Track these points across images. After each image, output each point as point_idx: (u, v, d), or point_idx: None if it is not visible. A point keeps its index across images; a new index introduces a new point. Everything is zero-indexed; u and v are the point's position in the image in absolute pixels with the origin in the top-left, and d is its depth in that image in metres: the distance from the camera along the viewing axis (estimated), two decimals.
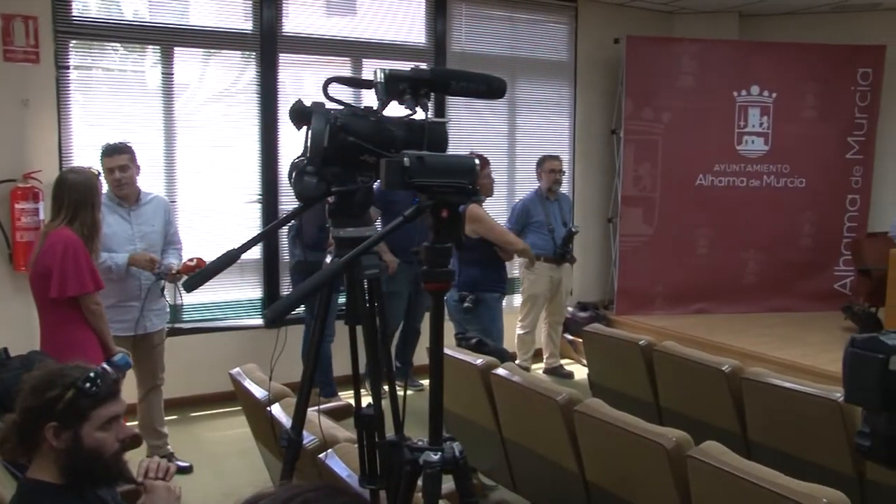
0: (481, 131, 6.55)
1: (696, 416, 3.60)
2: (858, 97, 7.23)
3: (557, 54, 6.99)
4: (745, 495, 2.22)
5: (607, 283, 7.39)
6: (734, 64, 7.11)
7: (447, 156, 1.67)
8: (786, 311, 7.18)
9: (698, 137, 7.03)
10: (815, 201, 7.29)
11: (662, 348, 3.73)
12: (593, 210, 7.31)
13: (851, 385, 0.82)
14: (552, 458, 3.09)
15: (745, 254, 7.25)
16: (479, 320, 4.45)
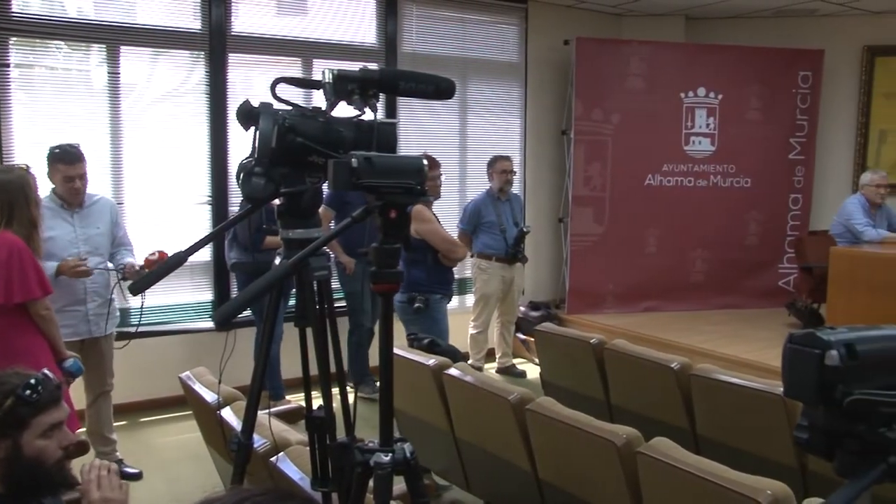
0: (432, 132, 6.55)
1: (647, 413, 3.64)
2: (799, 99, 7.42)
3: (508, 55, 7.03)
4: (694, 490, 2.25)
5: (559, 283, 7.46)
6: (681, 66, 7.23)
7: (395, 156, 1.66)
8: (732, 309, 7.34)
9: (647, 138, 7.14)
10: (759, 201, 7.45)
11: (613, 347, 3.77)
12: (544, 210, 7.37)
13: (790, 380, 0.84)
14: (505, 456, 3.10)
15: (692, 252, 7.38)
16: (421, 322, 4.41)
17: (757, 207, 7.47)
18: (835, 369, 0.83)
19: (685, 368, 3.44)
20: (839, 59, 7.65)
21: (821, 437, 0.87)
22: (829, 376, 0.83)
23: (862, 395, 0.83)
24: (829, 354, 0.83)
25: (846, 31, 7.66)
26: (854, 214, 6.24)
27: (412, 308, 4.43)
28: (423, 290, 4.42)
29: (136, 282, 1.89)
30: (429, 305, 4.39)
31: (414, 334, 4.13)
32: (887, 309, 5.45)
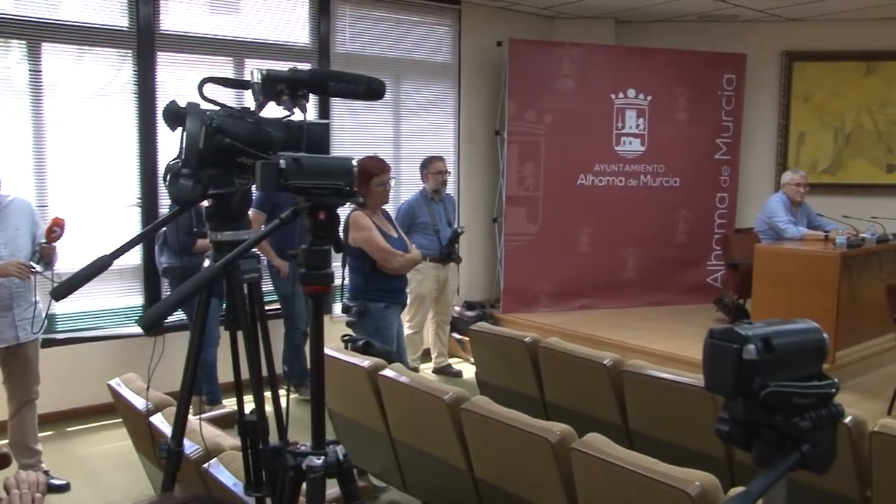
0: (366, 133, 6.52)
1: (581, 410, 3.69)
2: (724, 101, 7.64)
3: (441, 56, 7.05)
4: (626, 483, 2.30)
5: (493, 282, 7.52)
6: (612, 67, 7.36)
7: (324, 157, 1.65)
8: (663, 305, 7.51)
9: (579, 138, 7.24)
10: (688, 200, 7.64)
11: (547, 345, 3.81)
12: (478, 210, 7.41)
13: (710, 374, 0.87)
14: (441, 456, 3.11)
15: (624, 251, 7.52)
16: (363, 330, 4.35)
17: (685, 206, 7.66)
18: (752, 363, 0.86)
19: (617, 365, 3.50)
20: (760, 63, 7.92)
21: (740, 429, 0.90)
22: (747, 370, 0.86)
23: (777, 387, 0.86)
24: (746, 349, 0.86)
25: (766, 36, 7.93)
26: (776, 212, 6.45)
27: (349, 315, 4.38)
28: (361, 298, 4.36)
29: (58, 286, 1.82)
30: (368, 313, 4.33)
31: (349, 336, 4.10)
32: (808, 302, 5.66)
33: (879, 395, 5.49)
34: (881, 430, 2.67)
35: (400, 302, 4.50)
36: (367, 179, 4.24)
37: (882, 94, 7.93)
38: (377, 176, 4.26)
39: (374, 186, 4.26)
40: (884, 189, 7.93)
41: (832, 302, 5.58)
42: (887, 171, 8.03)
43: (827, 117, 8.03)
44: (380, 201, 4.36)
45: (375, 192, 4.28)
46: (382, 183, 4.29)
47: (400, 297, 4.50)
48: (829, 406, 0.90)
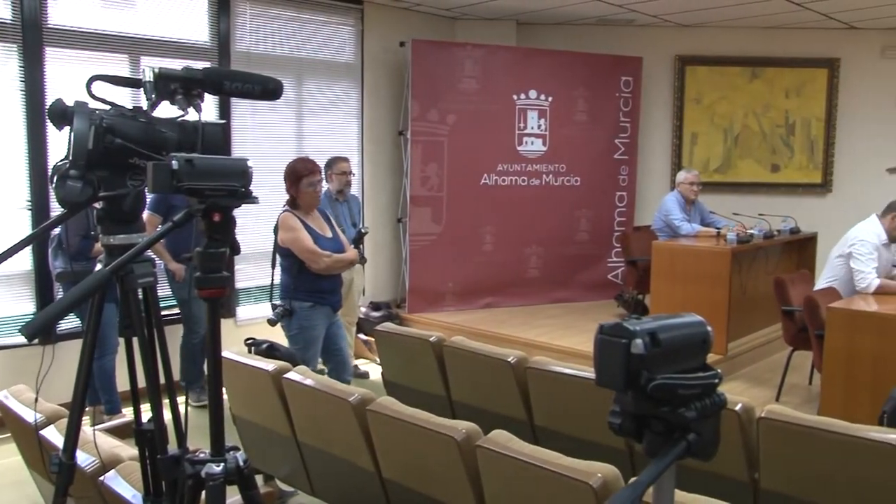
0: (268, 133, 6.41)
1: (487, 407, 3.73)
2: (622, 103, 7.86)
3: (344, 56, 7.00)
4: (531, 478, 2.33)
5: (398, 282, 7.52)
6: (513, 68, 7.46)
7: (219, 158, 1.62)
8: (566, 302, 7.67)
9: (482, 138, 7.32)
10: (588, 198, 7.83)
11: (452, 343, 3.84)
12: (383, 210, 7.40)
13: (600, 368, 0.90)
14: (348, 458, 3.09)
15: (527, 249, 7.64)
16: (289, 330, 4.34)
17: (586, 205, 7.84)
18: (640, 357, 0.89)
19: (521, 362, 3.55)
20: (655, 67, 8.20)
21: (630, 421, 0.93)
22: (635, 364, 0.89)
23: (664, 380, 0.89)
24: (634, 343, 0.89)
25: (660, 40, 8.21)
26: (672, 210, 6.69)
27: (273, 315, 4.34)
28: (288, 297, 4.33)
29: None
30: (294, 313, 4.30)
31: (252, 339, 4.03)
32: (702, 296, 5.90)
33: (768, 383, 5.76)
34: (768, 415, 2.80)
35: (328, 303, 4.47)
36: (296, 180, 4.27)
37: (766, 97, 8.34)
38: (306, 177, 4.28)
39: (304, 187, 4.26)
40: (769, 187, 8.35)
41: (724, 295, 5.83)
42: (772, 171, 8.46)
43: (717, 119, 8.39)
44: (310, 202, 4.36)
45: (305, 192, 4.28)
46: (312, 184, 4.29)
47: (329, 297, 4.47)
48: (713, 396, 0.94)
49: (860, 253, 4.95)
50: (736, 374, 6.07)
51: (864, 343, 4.43)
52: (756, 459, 2.87)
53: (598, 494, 2.12)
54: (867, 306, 4.65)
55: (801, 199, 8.28)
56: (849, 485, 2.67)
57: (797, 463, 2.78)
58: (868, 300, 4.77)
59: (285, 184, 4.32)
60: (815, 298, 4.85)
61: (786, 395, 5.46)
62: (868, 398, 4.15)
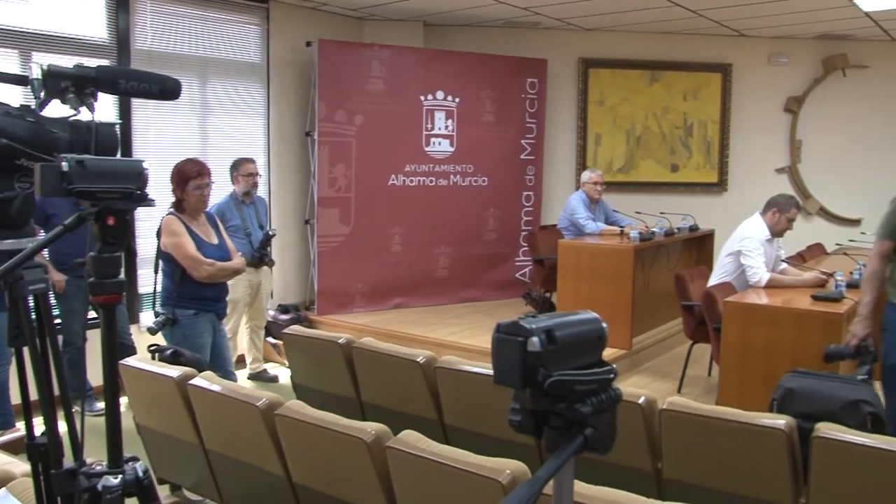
0: (171, 134, 6.24)
1: (397, 408, 3.74)
2: (528, 104, 7.99)
3: (250, 56, 6.88)
4: (441, 478, 2.35)
5: (307, 285, 7.44)
6: (421, 70, 7.48)
7: (112, 160, 1.56)
8: (475, 301, 7.75)
9: (390, 139, 7.31)
10: (496, 198, 7.92)
11: (361, 345, 3.83)
12: (290, 212, 7.31)
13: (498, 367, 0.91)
14: (257, 464, 3.05)
15: (436, 249, 7.68)
16: (172, 339, 4.18)
17: (494, 205, 7.93)
18: (536, 354, 0.91)
19: (430, 361, 3.57)
20: (560, 69, 8.37)
21: (529, 418, 0.95)
22: (532, 361, 0.91)
23: (560, 376, 0.92)
24: (530, 341, 0.91)
25: (564, 43, 8.39)
26: (577, 209, 6.84)
27: (154, 323, 4.19)
28: (170, 305, 4.18)
29: None
30: (176, 321, 4.16)
31: (156, 345, 3.92)
32: (607, 293, 6.06)
33: (670, 375, 5.97)
34: (669, 407, 2.90)
35: (213, 310, 4.33)
36: (183, 182, 4.12)
37: (665, 100, 8.64)
38: (193, 179, 4.13)
39: (191, 190, 4.12)
40: (669, 187, 8.65)
41: (628, 291, 6.00)
42: (672, 171, 8.76)
43: (619, 120, 8.63)
44: (196, 206, 4.22)
45: (192, 195, 4.14)
46: (199, 187, 4.16)
47: (213, 305, 4.33)
48: (609, 391, 0.97)
49: (749, 249, 5.18)
50: (640, 367, 6.25)
51: (758, 335, 4.63)
52: (659, 449, 2.97)
53: (507, 491, 2.16)
54: (759, 300, 4.86)
55: (698, 197, 8.62)
56: (743, 469, 2.80)
57: (697, 451, 2.89)
58: (760, 294, 4.99)
59: (172, 184, 4.17)
60: (713, 293, 5.04)
61: (687, 387, 5.66)
62: (761, 387, 4.33)
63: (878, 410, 3.16)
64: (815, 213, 8.82)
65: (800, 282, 5.15)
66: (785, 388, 3.33)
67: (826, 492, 2.64)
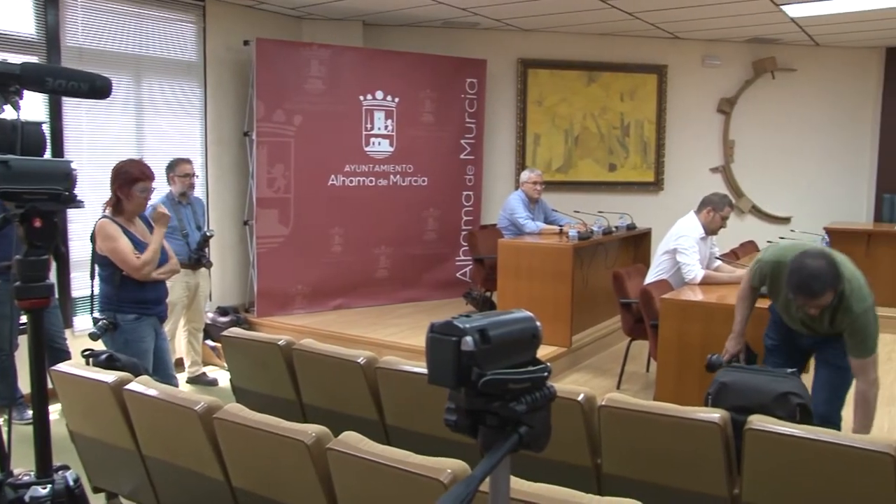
0: (105, 134, 6.09)
1: (339, 409, 3.72)
2: (467, 104, 8.03)
3: (186, 54, 6.76)
4: (382, 478, 2.35)
5: (246, 286, 7.35)
6: (360, 69, 7.45)
7: (39, 160, 1.52)
8: (416, 301, 7.76)
9: (329, 139, 7.27)
10: (436, 198, 7.94)
11: (301, 346, 3.80)
12: (228, 213, 7.21)
13: (432, 367, 0.92)
14: (196, 469, 3.00)
15: (376, 249, 7.66)
16: (113, 344, 4.09)
17: (434, 205, 7.95)
18: (470, 354, 0.92)
19: (371, 362, 3.57)
20: (499, 69, 8.43)
21: (465, 418, 0.96)
22: (466, 361, 0.92)
23: (494, 375, 0.93)
24: (464, 341, 0.92)
25: (503, 44, 8.46)
26: (516, 209, 6.90)
27: (95, 328, 4.09)
28: (110, 310, 4.09)
29: None
30: (118, 326, 4.07)
31: (90, 350, 3.82)
32: (547, 292, 6.12)
33: (609, 372, 6.06)
34: (608, 403, 2.95)
35: (155, 313, 4.26)
36: (129, 183, 4.03)
37: (602, 100, 8.78)
38: (142, 181, 4.05)
39: (138, 192, 4.05)
40: (607, 186, 8.80)
41: (567, 290, 6.07)
42: (609, 170, 8.91)
43: (558, 120, 8.73)
44: (137, 209, 4.15)
45: (137, 198, 4.07)
46: (146, 190, 4.08)
47: (155, 308, 4.25)
48: (543, 389, 0.98)
49: (684, 247, 5.30)
50: (580, 365, 6.34)
51: (694, 331, 4.74)
52: (598, 446, 3.02)
53: (447, 489, 2.17)
54: (695, 296, 4.98)
55: (636, 196, 8.79)
56: (680, 462, 2.86)
57: (635, 446, 2.94)
58: (696, 290, 5.10)
59: (113, 185, 4.07)
60: (650, 291, 5.14)
61: (626, 383, 5.76)
62: (697, 382, 4.43)
63: (805, 402, 3.26)
64: (747, 211, 9.07)
65: (733, 278, 5.27)
66: (719, 383, 3.41)
67: (758, 481, 2.72)
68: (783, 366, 3.58)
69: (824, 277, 3.28)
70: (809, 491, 2.63)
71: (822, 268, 3.29)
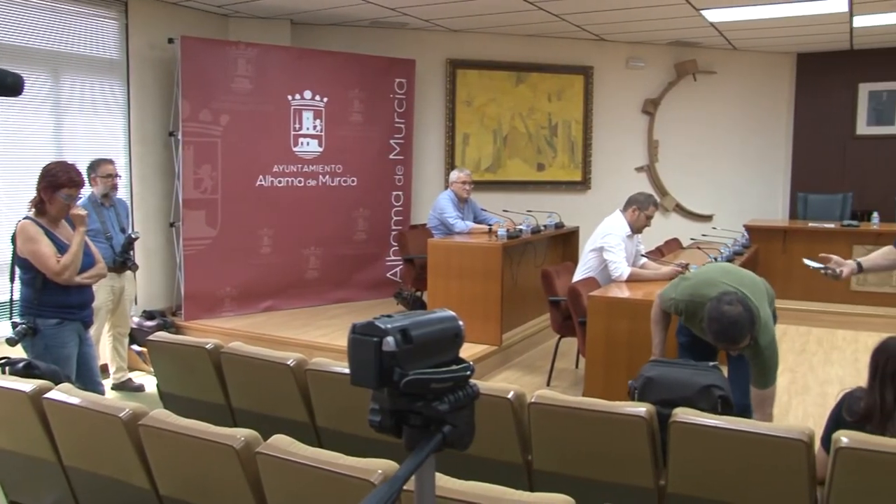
0: (20, 133, 5.88)
1: (269, 412, 3.68)
2: (396, 104, 8.03)
3: (108, 51, 6.58)
4: (313, 481, 2.34)
5: (174, 289, 7.20)
6: (288, 69, 7.38)
7: None
8: (347, 302, 7.74)
9: (257, 139, 7.17)
10: (366, 198, 7.92)
11: (229, 350, 3.75)
12: (154, 214, 7.05)
13: (354, 368, 0.93)
14: (121, 478, 2.93)
15: (306, 250, 7.60)
16: (33, 350, 3.96)
17: (364, 205, 7.93)
18: (392, 354, 0.94)
19: (301, 364, 3.54)
20: (428, 69, 8.46)
21: (389, 418, 0.97)
22: (388, 361, 0.93)
23: (416, 375, 0.94)
24: (385, 341, 0.93)
25: (432, 44, 8.49)
26: (446, 209, 6.93)
27: (13, 333, 3.95)
28: (31, 314, 3.96)
29: None
30: (38, 331, 3.95)
31: (6, 358, 3.70)
32: (477, 291, 6.17)
33: (539, 369, 6.14)
34: (537, 400, 3.00)
35: (78, 318, 4.15)
36: (55, 188, 3.94)
37: (530, 101, 8.90)
38: (67, 188, 3.96)
39: (62, 198, 3.96)
40: (536, 185, 8.92)
41: (497, 288, 6.13)
42: (538, 170, 9.04)
43: (486, 120, 8.81)
44: (60, 214, 4.05)
45: (60, 203, 3.97)
46: (71, 196, 4.00)
47: (79, 313, 4.15)
48: (466, 388, 1.00)
49: (611, 245, 5.41)
50: (510, 363, 6.41)
51: (621, 327, 4.84)
52: (529, 442, 3.07)
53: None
54: (621, 293, 5.09)
55: (563, 195, 8.93)
56: (609, 456, 2.93)
57: (565, 442, 3.00)
58: (622, 288, 5.21)
59: (39, 185, 3.96)
60: (577, 288, 5.23)
61: (556, 380, 5.85)
62: (624, 377, 4.50)
63: (726, 394, 3.37)
64: (671, 209, 9.30)
65: (659, 275, 5.41)
66: (644, 377, 3.50)
67: (683, 472, 2.81)
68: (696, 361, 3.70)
69: (742, 324, 3.43)
70: (731, 478, 2.73)
71: (741, 314, 3.43)
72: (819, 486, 2.63)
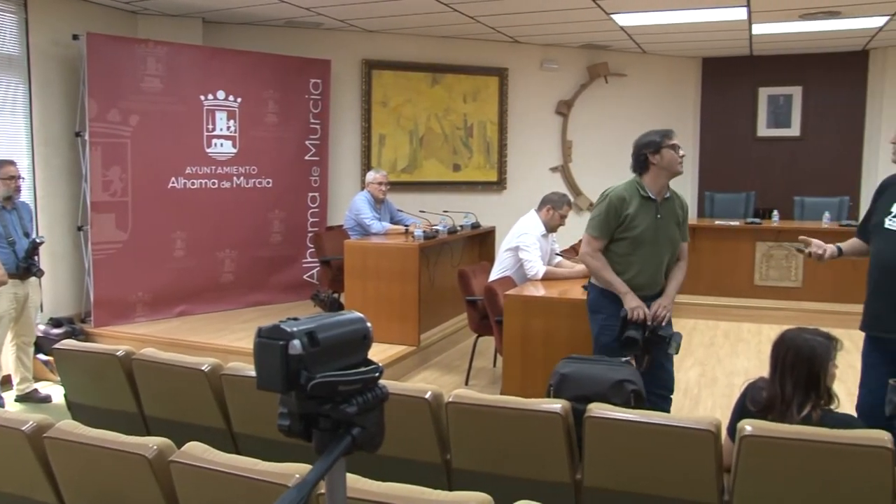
0: None
1: (184, 419, 3.60)
2: (312, 105, 7.97)
3: (6, 47, 6.31)
4: (229, 488, 2.31)
5: (82, 295, 6.96)
6: (200, 68, 7.23)
7: None
8: (263, 305, 7.63)
9: (169, 140, 7.00)
10: (282, 200, 7.83)
11: (141, 356, 3.65)
12: (60, 218, 6.80)
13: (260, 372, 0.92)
14: (25, 494, 2.83)
15: (220, 253, 7.46)
16: None
17: (279, 206, 7.83)
18: (298, 357, 0.94)
19: (216, 369, 3.48)
20: (344, 70, 8.43)
21: (298, 422, 0.98)
22: (294, 364, 0.93)
23: (323, 378, 0.95)
24: (292, 344, 0.93)
25: (348, 44, 8.45)
26: (362, 210, 6.92)
27: None
28: None
29: None
30: None
31: None
32: (394, 291, 6.19)
33: (458, 369, 6.20)
34: (455, 399, 3.03)
35: None
36: None
37: (446, 102, 8.96)
38: None
39: None
40: (452, 186, 8.99)
41: (414, 289, 6.16)
42: (454, 170, 9.10)
43: (403, 121, 8.82)
44: None
45: None
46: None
47: None
48: (374, 389, 1.01)
49: (526, 245, 5.50)
50: (429, 363, 6.44)
51: (537, 325, 4.92)
52: (447, 442, 3.09)
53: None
54: (537, 292, 5.17)
55: (479, 196, 9.02)
56: (526, 452, 2.98)
57: (483, 440, 3.04)
58: (538, 286, 5.30)
59: None
60: (494, 287, 5.29)
61: (473, 379, 5.91)
62: (541, 374, 4.59)
63: (639, 388, 3.47)
64: (585, 208, 9.48)
65: (573, 273, 5.52)
66: (560, 374, 3.57)
67: (599, 465, 2.88)
68: None
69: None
70: (644, 469, 2.81)
71: None
72: (726, 473, 2.74)
